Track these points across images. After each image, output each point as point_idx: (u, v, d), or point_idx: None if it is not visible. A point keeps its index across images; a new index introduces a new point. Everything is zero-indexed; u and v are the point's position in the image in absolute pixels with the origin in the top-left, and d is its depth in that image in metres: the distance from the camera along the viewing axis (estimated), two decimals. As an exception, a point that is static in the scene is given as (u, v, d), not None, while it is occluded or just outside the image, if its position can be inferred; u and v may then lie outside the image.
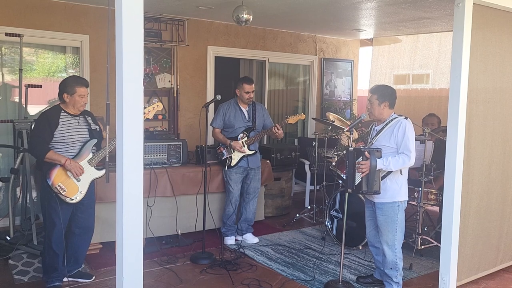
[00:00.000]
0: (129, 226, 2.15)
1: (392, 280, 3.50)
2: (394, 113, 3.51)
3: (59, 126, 3.36)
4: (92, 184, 3.54)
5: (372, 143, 3.49)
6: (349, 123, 5.10)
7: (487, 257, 3.87)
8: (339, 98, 7.71)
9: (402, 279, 3.58)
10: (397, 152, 3.39)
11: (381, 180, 3.37)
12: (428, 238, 4.44)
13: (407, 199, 3.53)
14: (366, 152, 3.28)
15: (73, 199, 3.39)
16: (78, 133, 3.46)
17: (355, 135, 5.35)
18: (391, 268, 3.47)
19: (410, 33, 6.98)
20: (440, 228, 3.66)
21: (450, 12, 5.06)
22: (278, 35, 6.87)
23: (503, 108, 3.82)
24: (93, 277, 3.71)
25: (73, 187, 3.39)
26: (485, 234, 3.77)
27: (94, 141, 3.51)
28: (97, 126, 3.61)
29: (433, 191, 4.43)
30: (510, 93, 3.88)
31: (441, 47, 6.76)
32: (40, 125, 3.39)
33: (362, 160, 3.29)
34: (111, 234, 4.26)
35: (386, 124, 3.46)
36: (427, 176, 4.35)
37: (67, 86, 3.40)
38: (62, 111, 3.43)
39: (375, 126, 3.60)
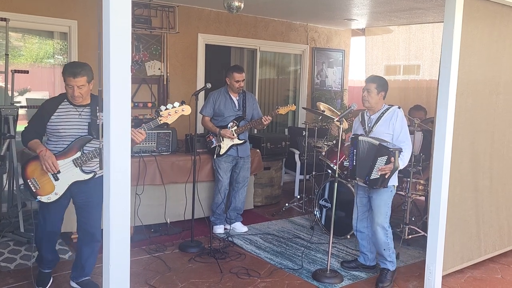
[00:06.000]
0: (116, 213, 2.13)
1: (386, 259, 3.65)
2: (385, 103, 3.66)
3: (53, 117, 3.00)
4: (89, 182, 3.05)
5: (373, 131, 3.60)
6: (339, 113, 5.10)
7: (469, 246, 3.90)
8: (330, 88, 7.70)
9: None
10: (393, 140, 3.51)
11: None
12: (416, 228, 4.48)
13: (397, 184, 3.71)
14: (392, 158, 3.33)
15: (44, 200, 2.99)
16: (75, 127, 3.02)
17: (345, 125, 5.36)
18: (384, 249, 3.62)
19: (402, 24, 6.96)
20: (427, 218, 3.70)
21: (442, 3, 5.03)
22: (269, 23, 6.82)
23: (490, 99, 3.83)
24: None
25: (48, 186, 2.99)
26: (461, 222, 3.78)
27: (88, 138, 3.02)
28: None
29: (421, 181, 4.46)
30: (500, 84, 3.90)
31: (434, 38, 6.76)
32: (35, 114, 3.12)
33: (385, 164, 3.36)
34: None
35: (383, 113, 3.59)
36: (416, 167, 4.37)
37: (62, 72, 3.00)
38: (65, 100, 3.06)
39: (369, 115, 3.68)
